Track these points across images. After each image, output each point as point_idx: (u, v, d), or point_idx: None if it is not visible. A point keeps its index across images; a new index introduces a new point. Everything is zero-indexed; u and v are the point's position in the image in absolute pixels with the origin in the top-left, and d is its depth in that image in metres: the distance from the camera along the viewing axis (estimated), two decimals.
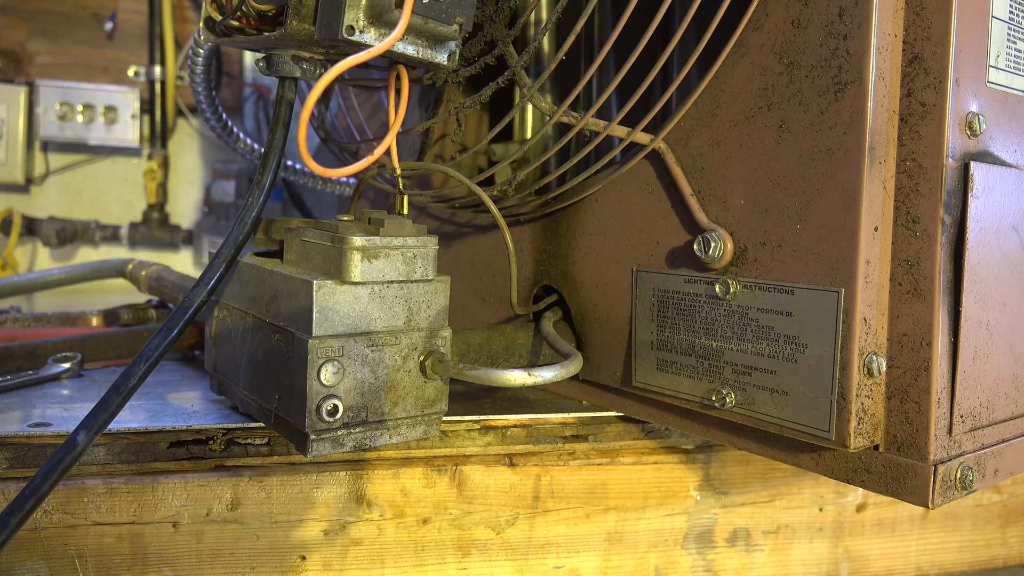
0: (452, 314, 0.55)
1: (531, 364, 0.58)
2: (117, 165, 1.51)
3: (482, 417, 0.56)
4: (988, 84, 0.44)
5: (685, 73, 0.48)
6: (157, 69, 1.46)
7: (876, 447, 0.44)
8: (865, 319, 0.42)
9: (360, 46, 0.44)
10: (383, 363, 0.47)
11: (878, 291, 0.43)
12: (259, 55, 0.50)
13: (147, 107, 1.47)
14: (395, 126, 0.49)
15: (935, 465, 0.42)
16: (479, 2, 0.53)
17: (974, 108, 0.43)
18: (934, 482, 0.42)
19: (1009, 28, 0.46)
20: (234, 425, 0.52)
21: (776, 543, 0.62)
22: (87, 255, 1.49)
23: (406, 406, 0.48)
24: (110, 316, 0.82)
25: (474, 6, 0.47)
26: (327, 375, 0.44)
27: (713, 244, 0.47)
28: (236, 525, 0.50)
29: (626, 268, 0.54)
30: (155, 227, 1.47)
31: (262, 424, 0.52)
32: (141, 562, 0.49)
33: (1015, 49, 0.46)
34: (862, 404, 0.43)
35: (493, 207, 0.54)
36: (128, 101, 1.44)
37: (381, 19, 0.44)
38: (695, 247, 0.48)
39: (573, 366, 0.51)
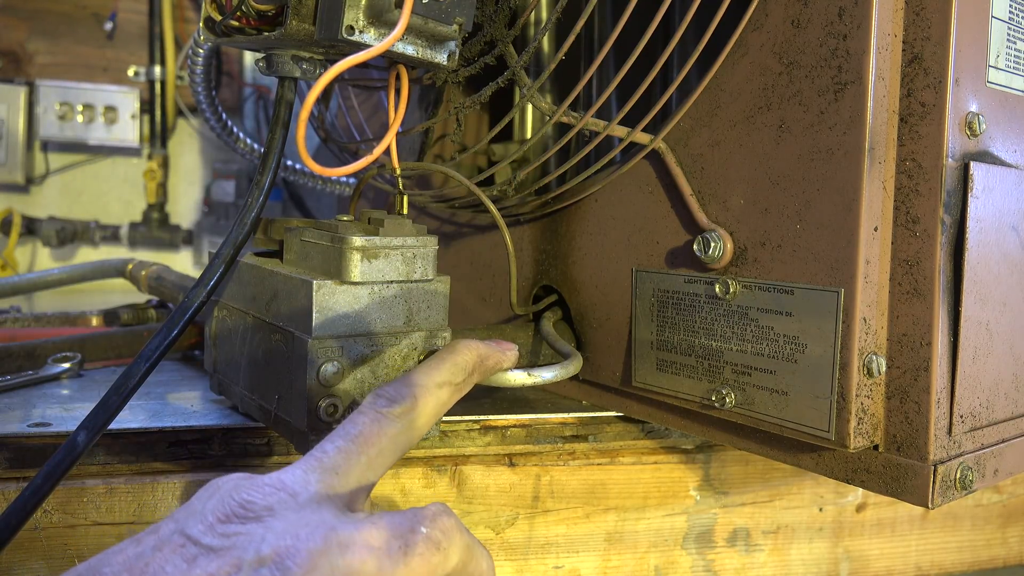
0: (452, 314, 0.54)
1: (531, 364, 0.58)
2: (117, 165, 1.51)
3: (482, 417, 0.56)
4: (988, 84, 0.44)
5: (685, 73, 0.48)
6: (157, 69, 1.46)
7: (876, 447, 0.44)
8: (865, 319, 0.42)
9: (360, 46, 0.44)
10: (383, 363, 0.47)
11: (878, 291, 0.43)
12: (259, 55, 0.50)
13: (147, 107, 1.47)
14: (394, 125, 0.49)
15: (935, 465, 0.42)
16: (479, 2, 0.53)
17: (974, 108, 0.43)
18: (934, 482, 0.42)
19: (1009, 28, 0.46)
20: (234, 425, 0.52)
21: (776, 543, 0.62)
22: (87, 255, 1.49)
23: None
24: (110, 316, 0.82)
25: (474, 6, 0.47)
26: (327, 375, 0.44)
27: (713, 244, 0.47)
28: None
29: (626, 268, 0.54)
30: (155, 227, 1.47)
31: (262, 424, 0.52)
32: None
33: (1015, 49, 0.46)
34: (862, 404, 0.43)
35: (492, 207, 0.54)
36: (128, 101, 1.44)
37: (381, 19, 0.44)
38: (695, 247, 0.48)
39: (573, 366, 0.51)
